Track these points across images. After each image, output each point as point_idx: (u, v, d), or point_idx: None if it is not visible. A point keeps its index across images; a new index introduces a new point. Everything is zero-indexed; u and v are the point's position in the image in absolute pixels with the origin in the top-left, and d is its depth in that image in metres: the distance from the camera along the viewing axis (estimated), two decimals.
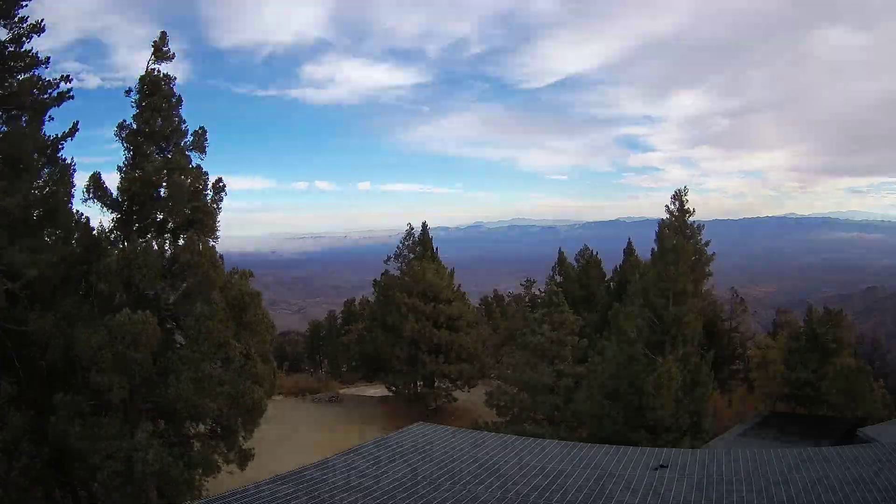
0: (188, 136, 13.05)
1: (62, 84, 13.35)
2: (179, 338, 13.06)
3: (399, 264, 29.07)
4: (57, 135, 14.25)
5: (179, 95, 13.11)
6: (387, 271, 29.92)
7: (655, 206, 23.06)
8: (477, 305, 39.75)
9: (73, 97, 13.55)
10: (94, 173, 12.75)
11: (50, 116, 13.51)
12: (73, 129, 14.28)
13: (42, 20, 12.86)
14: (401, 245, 29.40)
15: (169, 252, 12.87)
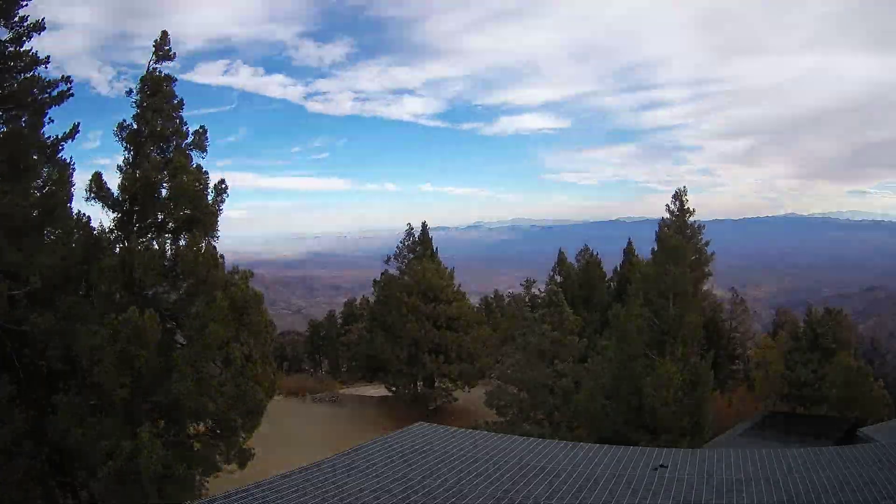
0: (189, 136, 13.05)
1: (62, 84, 13.36)
2: (180, 338, 13.08)
3: (399, 264, 29.09)
4: (57, 135, 14.27)
5: (181, 98, 13.12)
6: (387, 271, 29.95)
7: (656, 206, 23.10)
8: (477, 305, 39.76)
9: (73, 95, 13.54)
10: (95, 173, 12.78)
11: (50, 118, 13.52)
12: (74, 130, 14.29)
13: (42, 19, 12.86)
14: (401, 245, 29.42)
15: (169, 252, 12.88)
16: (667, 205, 22.10)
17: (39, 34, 13.09)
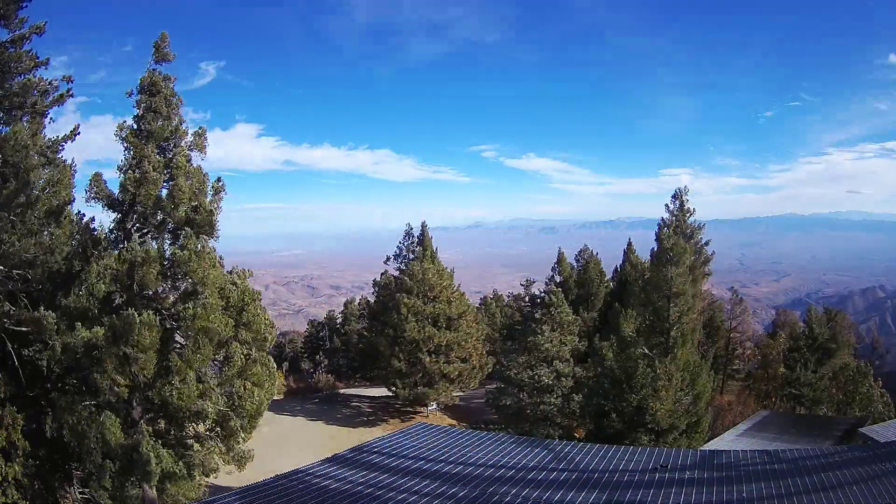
0: (188, 136, 13.05)
1: (62, 84, 13.37)
2: (180, 338, 13.07)
3: (399, 264, 29.09)
4: (57, 136, 14.27)
5: (180, 96, 13.12)
6: (386, 271, 29.95)
7: (656, 206, 23.09)
8: (477, 305, 39.76)
9: (73, 95, 13.55)
10: (95, 173, 12.75)
11: (51, 118, 13.52)
12: (74, 131, 14.30)
13: (45, 22, 12.87)
14: (400, 245, 29.41)
15: (169, 252, 12.88)
16: (666, 204, 22.11)
17: (40, 36, 13.10)
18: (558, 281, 31.70)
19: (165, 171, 12.66)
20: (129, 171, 12.56)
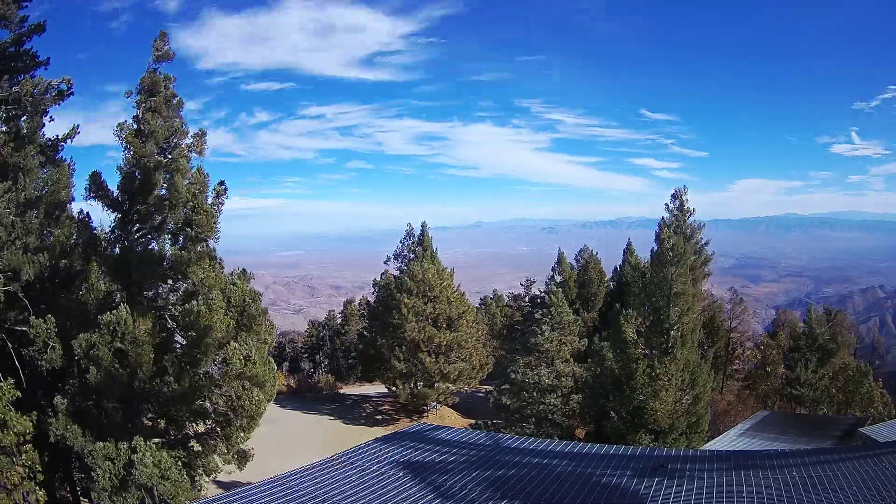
0: (189, 136, 13.05)
1: (62, 84, 13.37)
2: (180, 338, 13.08)
3: (399, 264, 29.09)
4: (57, 135, 14.29)
5: (180, 98, 13.12)
6: (386, 271, 29.96)
7: (655, 206, 23.08)
8: (477, 305, 39.74)
9: (73, 94, 13.55)
10: (94, 172, 12.74)
11: (51, 117, 13.53)
12: (74, 130, 14.31)
13: (44, 21, 12.89)
14: (400, 245, 29.42)
15: (169, 253, 12.88)
16: (666, 204, 22.10)
17: (40, 35, 13.12)
18: (558, 281, 31.68)
19: (165, 172, 12.66)
20: (129, 172, 12.57)
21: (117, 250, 12.70)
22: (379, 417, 27.15)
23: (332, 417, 26.60)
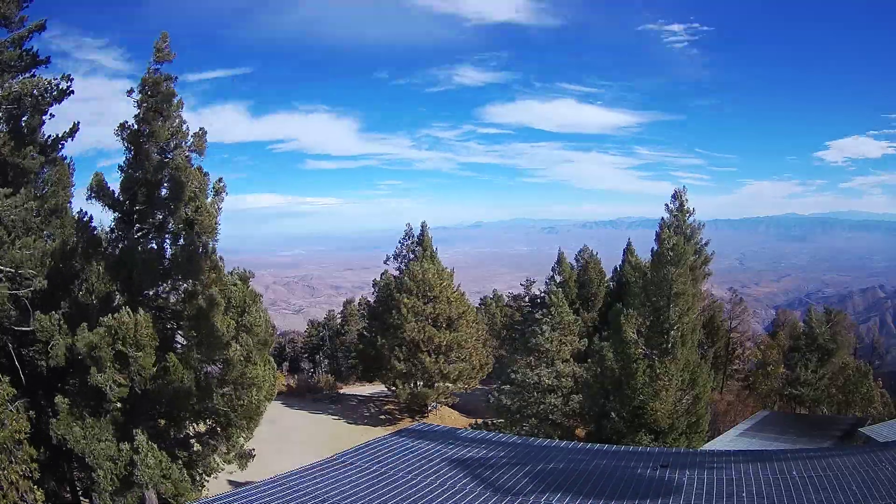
0: (189, 136, 13.05)
1: (62, 83, 13.37)
2: (180, 339, 13.08)
3: (399, 264, 29.10)
4: (57, 134, 14.29)
5: (180, 98, 13.13)
6: (386, 271, 29.96)
7: (655, 206, 23.02)
8: (477, 305, 39.74)
9: (73, 92, 13.55)
10: (97, 173, 12.75)
11: (51, 115, 13.53)
12: (74, 129, 14.31)
13: (44, 20, 12.88)
14: (400, 245, 29.43)
15: (169, 252, 12.89)
16: (666, 204, 22.07)
17: (40, 34, 13.12)
18: (558, 281, 31.68)
19: (166, 172, 12.67)
20: (130, 172, 12.58)
21: (118, 251, 12.70)
22: (379, 417, 27.16)
23: (332, 417, 26.61)
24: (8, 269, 11.82)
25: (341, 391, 32.89)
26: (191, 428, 13.45)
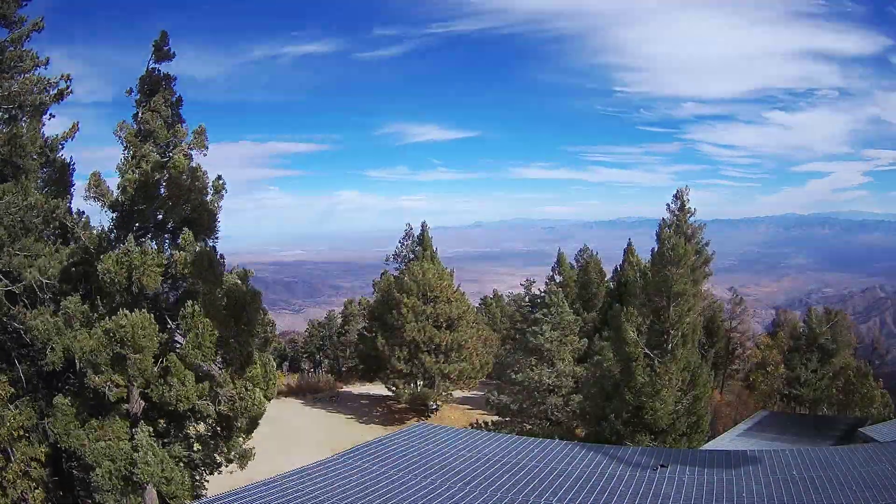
0: (188, 135, 13.04)
1: (62, 83, 13.37)
2: (180, 339, 13.05)
3: (399, 264, 29.09)
4: (57, 135, 14.27)
5: (180, 95, 13.12)
6: (386, 271, 29.96)
7: (655, 206, 23.02)
8: (477, 305, 39.73)
9: (72, 92, 13.54)
10: (94, 172, 12.73)
11: (51, 115, 13.53)
12: (74, 129, 14.29)
13: (42, 18, 12.86)
14: (400, 245, 29.43)
15: (168, 252, 12.87)
16: (667, 204, 22.03)
17: (39, 33, 13.10)
18: (558, 281, 31.67)
19: (165, 171, 12.65)
20: (129, 172, 12.55)
21: (117, 251, 12.68)
22: (380, 417, 27.15)
23: (332, 417, 26.60)
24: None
25: (341, 391, 32.89)
26: (191, 428, 13.43)
